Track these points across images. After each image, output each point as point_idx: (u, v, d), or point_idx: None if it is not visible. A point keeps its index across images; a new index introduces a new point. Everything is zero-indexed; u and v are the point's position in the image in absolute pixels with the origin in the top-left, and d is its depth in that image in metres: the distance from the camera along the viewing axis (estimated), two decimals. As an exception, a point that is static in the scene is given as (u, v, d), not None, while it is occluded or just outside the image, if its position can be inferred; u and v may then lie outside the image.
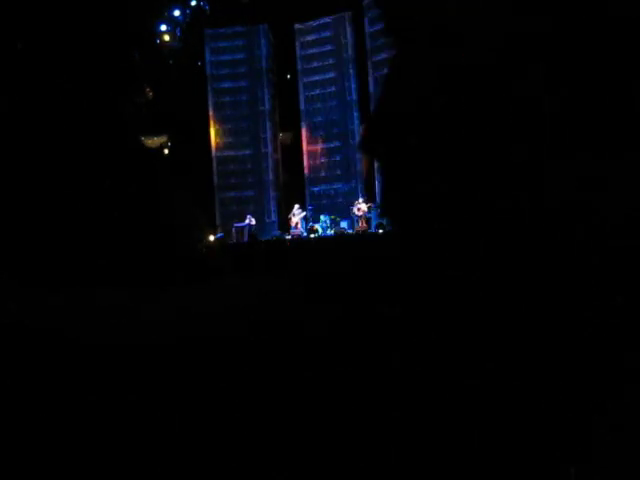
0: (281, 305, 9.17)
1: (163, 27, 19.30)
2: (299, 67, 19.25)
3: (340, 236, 16.93)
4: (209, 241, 17.75)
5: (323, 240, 16.85)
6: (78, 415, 4.74)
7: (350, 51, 18.58)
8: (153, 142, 21.47)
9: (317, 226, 17.29)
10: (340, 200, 18.68)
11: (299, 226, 17.44)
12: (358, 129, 18.59)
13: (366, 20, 17.54)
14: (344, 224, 17.49)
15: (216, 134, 19.27)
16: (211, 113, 19.21)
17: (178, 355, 6.37)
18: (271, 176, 19.19)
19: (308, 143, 19.23)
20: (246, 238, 17.48)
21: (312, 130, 19.20)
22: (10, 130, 11.74)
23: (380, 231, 16.26)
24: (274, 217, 19.11)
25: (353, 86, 18.55)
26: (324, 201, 18.88)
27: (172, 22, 19.37)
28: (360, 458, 3.97)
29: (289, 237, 17.57)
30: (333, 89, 18.96)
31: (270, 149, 19.24)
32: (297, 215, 17.55)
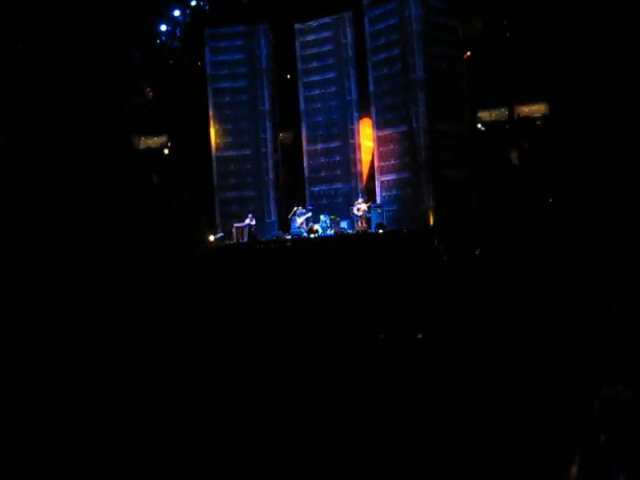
0: (281, 305, 9.16)
1: (163, 27, 19.29)
2: (299, 67, 19.23)
3: (340, 236, 16.92)
4: (209, 241, 17.73)
5: (323, 240, 16.83)
6: (74, 412, 4.73)
7: (350, 51, 18.56)
8: (153, 142, 21.47)
9: (317, 226, 17.27)
10: (340, 200, 18.66)
11: (304, 226, 17.42)
12: (358, 129, 18.59)
13: (366, 20, 17.52)
14: (344, 224, 17.47)
15: (216, 134, 19.24)
16: (211, 113, 19.18)
17: (177, 355, 6.37)
18: (271, 176, 19.17)
19: (308, 143, 19.21)
20: (246, 238, 17.46)
21: (312, 130, 19.18)
22: (12, 133, 11.73)
23: (380, 231, 16.26)
24: (274, 217, 19.08)
25: (353, 86, 18.53)
26: (324, 201, 18.85)
27: (172, 22, 19.36)
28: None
29: (289, 237, 17.56)
30: (333, 89, 18.94)
31: (270, 149, 19.22)
32: (301, 216, 17.57)
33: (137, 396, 5.09)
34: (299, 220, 17.52)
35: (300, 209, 17.73)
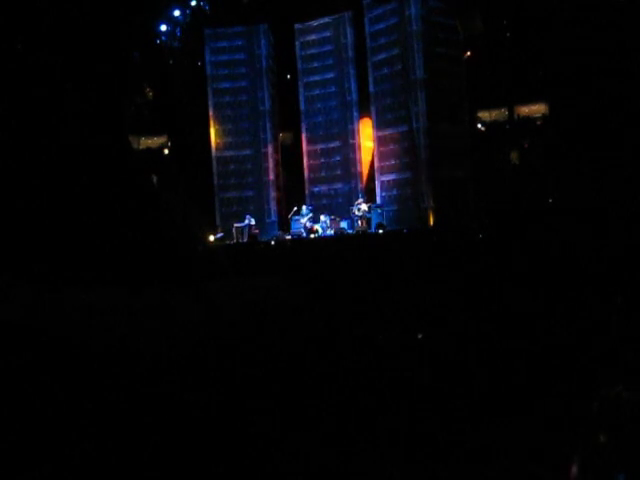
0: (281, 305, 9.16)
1: (163, 27, 19.28)
2: (299, 67, 19.23)
3: (340, 236, 16.91)
4: (209, 241, 17.73)
5: (323, 240, 16.83)
6: (75, 413, 4.74)
7: (350, 51, 18.57)
8: (153, 142, 21.48)
9: (317, 226, 17.26)
10: (340, 200, 18.66)
11: (308, 225, 17.40)
12: (358, 129, 18.59)
13: (366, 20, 17.52)
14: (344, 224, 17.47)
15: (216, 134, 19.24)
16: (211, 113, 19.18)
17: (178, 355, 6.37)
18: (271, 176, 19.17)
19: (308, 143, 19.21)
20: (246, 238, 17.46)
21: (312, 130, 19.18)
22: (12, 132, 11.73)
23: (380, 231, 16.26)
24: (274, 217, 19.08)
25: (353, 86, 18.54)
26: (324, 201, 18.86)
27: (172, 22, 19.35)
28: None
29: (289, 237, 17.56)
30: (333, 89, 18.94)
31: (270, 149, 19.22)
32: (306, 216, 17.56)
33: (136, 396, 5.09)
34: (303, 219, 17.52)
35: (305, 208, 17.73)
